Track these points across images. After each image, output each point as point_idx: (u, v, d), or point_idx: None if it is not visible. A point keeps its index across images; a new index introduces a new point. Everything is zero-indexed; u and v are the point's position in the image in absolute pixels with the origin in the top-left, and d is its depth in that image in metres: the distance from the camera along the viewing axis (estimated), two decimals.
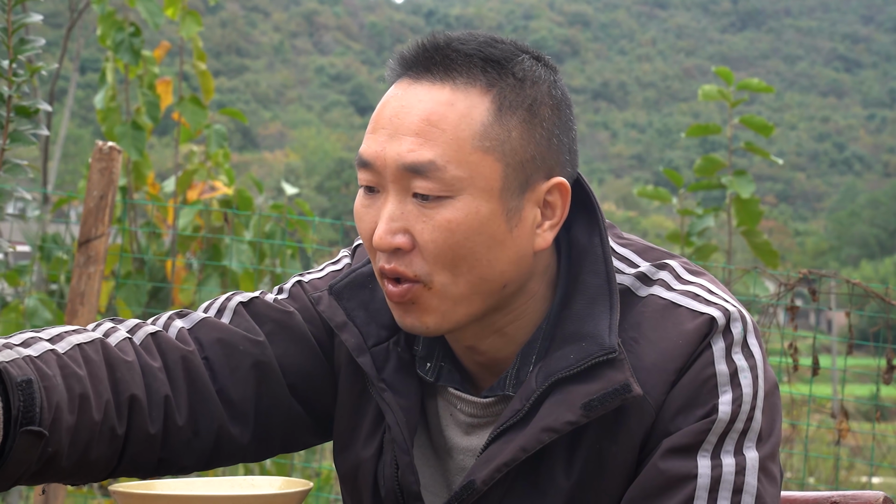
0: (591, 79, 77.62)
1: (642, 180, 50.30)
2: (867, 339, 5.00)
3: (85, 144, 29.84)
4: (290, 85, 68.53)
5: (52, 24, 26.63)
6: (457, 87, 1.60)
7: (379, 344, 1.72)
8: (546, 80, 1.64)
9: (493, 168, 1.59)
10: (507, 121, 1.60)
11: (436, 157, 1.57)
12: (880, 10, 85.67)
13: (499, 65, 1.61)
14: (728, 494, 1.56)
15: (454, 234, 1.58)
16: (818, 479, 8.82)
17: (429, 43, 1.63)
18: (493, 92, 1.60)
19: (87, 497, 6.12)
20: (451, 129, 1.58)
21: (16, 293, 6.38)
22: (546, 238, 1.63)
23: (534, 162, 1.61)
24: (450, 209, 1.58)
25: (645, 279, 1.67)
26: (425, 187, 1.57)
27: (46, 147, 6.96)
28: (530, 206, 1.62)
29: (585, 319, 1.63)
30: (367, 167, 1.61)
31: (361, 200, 1.64)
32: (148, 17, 6.11)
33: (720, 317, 1.62)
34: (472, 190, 1.58)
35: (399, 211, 1.59)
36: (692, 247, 6.19)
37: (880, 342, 4.70)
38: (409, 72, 1.64)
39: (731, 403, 1.58)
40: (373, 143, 1.61)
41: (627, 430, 1.61)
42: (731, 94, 6.26)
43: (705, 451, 1.57)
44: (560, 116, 1.65)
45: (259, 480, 1.71)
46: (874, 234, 50.79)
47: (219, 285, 6.20)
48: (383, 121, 1.61)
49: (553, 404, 1.61)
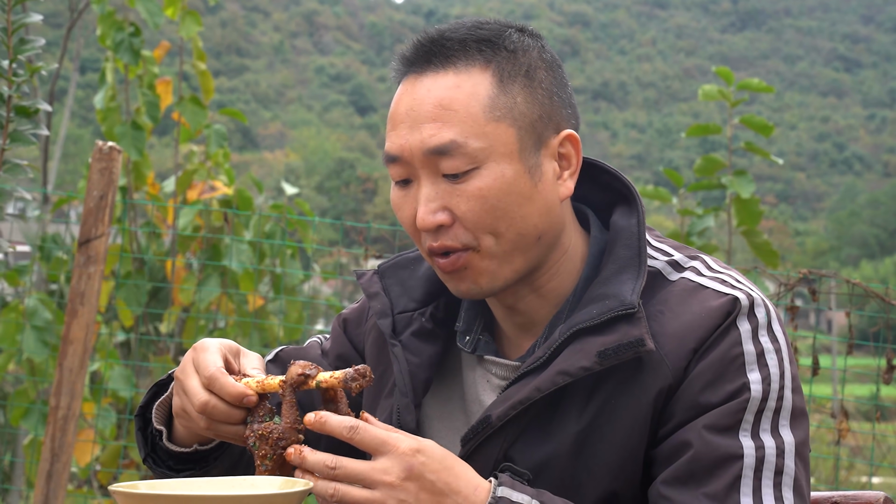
0: (591, 79, 77.63)
1: (642, 180, 50.32)
2: (867, 339, 5.00)
3: (85, 144, 29.85)
4: (290, 85, 68.53)
5: (52, 24, 26.63)
6: (459, 71, 1.75)
7: (404, 312, 1.88)
8: (535, 47, 1.80)
9: (507, 133, 1.73)
10: (509, 89, 1.75)
11: (455, 136, 1.72)
12: (880, 10, 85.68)
13: (490, 42, 1.77)
14: (771, 475, 1.65)
15: (487, 199, 1.72)
16: (818, 479, 8.83)
17: (424, 38, 1.79)
18: (491, 67, 1.75)
19: (87, 497, 6.12)
20: (463, 108, 1.73)
21: (16, 293, 6.38)
22: (568, 186, 1.79)
23: (542, 120, 1.76)
24: (478, 179, 1.72)
25: (677, 266, 1.80)
26: (452, 166, 1.72)
27: (46, 147, 6.96)
28: (548, 161, 1.77)
29: (612, 283, 1.74)
30: (396, 161, 1.76)
31: (397, 193, 1.78)
32: (148, 17, 6.11)
33: (744, 299, 1.72)
34: (494, 157, 1.73)
35: (434, 192, 1.74)
36: (692, 247, 6.18)
37: (880, 342, 4.70)
38: (412, 68, 1.78)
39: (762, 382, 1.68)
40: (396, 137, 1.76)
41: (642, 386, 1.70)
42: (731, 94, 6.25)
43: (745, 430, 1.66)
44: (555, 75, 1.80)
45: (259, 480, 1.71)
46: (874, 234, 50.80)
47: (219, 285, 6.20)
48: (400, 116, 1.76)
49: (571, 352, 1.71)
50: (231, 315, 6.33)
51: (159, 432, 1.86)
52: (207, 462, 1.87)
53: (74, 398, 4.09)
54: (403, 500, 1.60)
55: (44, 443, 4.11)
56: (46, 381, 5.66)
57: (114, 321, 6.37)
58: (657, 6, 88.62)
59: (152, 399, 1.89)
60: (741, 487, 1.64)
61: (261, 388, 1.68)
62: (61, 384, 4.09)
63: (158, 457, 1.89)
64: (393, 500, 1.59)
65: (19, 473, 6.21)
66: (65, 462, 4.09)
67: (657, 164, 54.67)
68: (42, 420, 5.54)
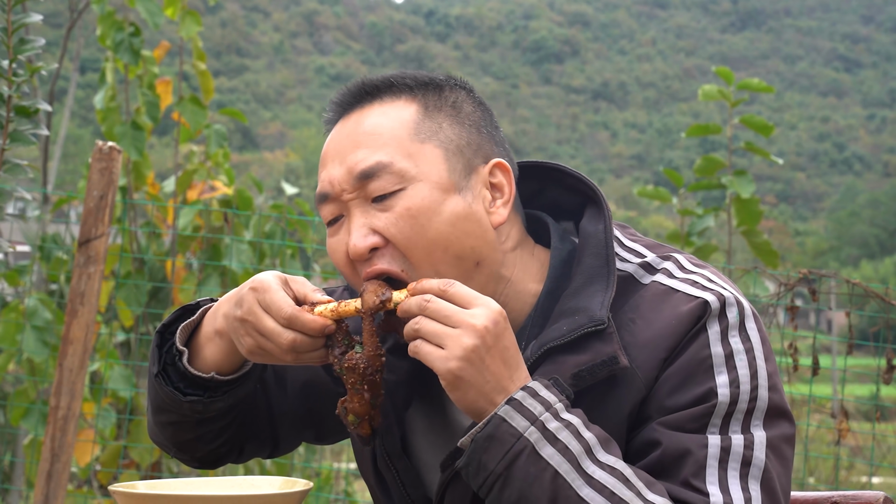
0: (591, 79, 77.59)
1: (642, 180, 50.31)
2: (867, 339, 5.00)
3: (85, 144, 29.82)
4: (290, 85, 68.51)
5: (52, 24, 26.61)
6: (384, 102, 1.79)
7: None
8: (463, 88, 1.83)
9: (434, 153, 1.75)
10: (435, 117, 1.77)
11: (382, 157, 1.73)
12: (880, 10, 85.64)
13: (416, 79, 1.81)
14: (737, 466, 1.65)
15: (417, 218, 1.71)
16: (818, 479, 8.83)
17: (352, 84, 1.82)
18: (417, 99, 1.79)
19: (87, 497, 6.12)
20: (388, 132, 1.75)
21: (16, 293, 6.38)
22: (501, 214, 1.78)
23: (469, 147, 1.77)
24: (406, 198, 1.73)
25: (649, 268, 1.78)
26: (380, 187, 1.73)
27: (46, 147, 6.95)
28: (479, 188, 1.77)
29: (581, 295, 1.73)
30: (325, 199, 1.78)
31: (330, 237, 1.79)
32: (148, 17, 6.10)
33: (714, 301, 1.70)
34: (421, 176, 1.74)
35: (363, 219, 1.75)
36: (692, 247, 6.18)
37: (880, 342, 4.70)
38: (342, 113, 1.83)
39: (729, 386, 1.67)
40: (325, 175, 1.78)
41: (617, 401, 1.70)
42: (731, 94, 6.25)
43: (712, 432, 1.66)
44: (484, 114, 1.82)
45: (259, 480, 1.71)
46: (874, 234, 50.76)
47: (219, 285, 6.20)
48: (329, 154, 1.79)
49: (545, 373, 1.70)
50: None
51: (179, 353, 1.87)
52: (217, 392, 1.87)
53: (74, 398, 4.09)
54: (476, 348, 1.62)
55: (44, 443, 4.10)
56: (46, 381, 5.65)
57: (114, 321, 6.37)
58: (657, 6, 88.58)
59: (175, 321, 1.91)
60: (706, 476, 1.64)
61: (337, 315, 1.74)
62: (61, 384, 4.09)
63: (169, 377, 1.89)
64: (466, 344, 1.62)
65: (19, 473, 6.21)
66: (65, 462, 4.09)
67: (657, 164, 54.67)
68: (42, 420, 5.53)
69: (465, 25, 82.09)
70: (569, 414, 1.64)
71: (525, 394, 1.63)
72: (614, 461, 1.63)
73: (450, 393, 1.65)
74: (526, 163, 1.90)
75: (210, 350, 1.84)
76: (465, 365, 1.62)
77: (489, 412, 1.64)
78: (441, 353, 1.63)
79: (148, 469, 5.96)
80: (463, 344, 1.62)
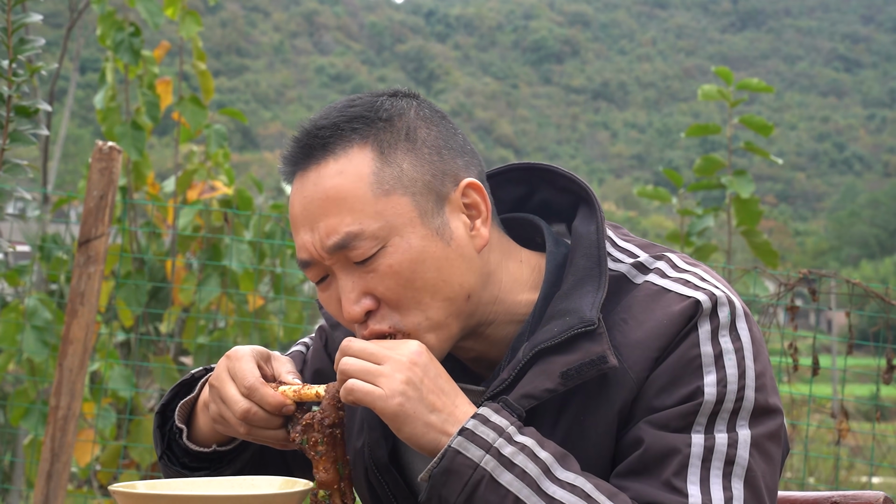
0: (591, 79, 77.62)
1: (642, 180, 50.30)
2: (867, 339, 5.00)
3: (85, 144, 29.83)
4: (290, 85, 68.51)
5: (52, 24, 26.61)
6: (338, 157, 1.73)
7: None
8: (410, 107, 1.77)
9: (401, 203, 1.71)
10: (392, 158, 1.72)
11: (350, 226, 1.70)
12: (880, 10, 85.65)
13: (363, 118, 1.74)
14: (720, 465, 1.64)
15: (402, 274, 1.70)
16: (818, 479, 8.82)
17: (300, 133, 1.77)
18: (369, 142, 1.73)
19: (87, 497, 6.12)
20: (351, 194, 1.71)
21: (16, 293, 6.38)
22: (483, 235, 1.75)
23: (436, 179, 1.73)
24: (387, 256, 1.70)
25: (641, 268, 1.77)
26: (358, 254, 1.70)
27: (46, 147, 6.95)
28: (455, 217, 1.74)
29: (572, 296, 1.72)
30: (308, 265, 1.75)
31: (321, 294, 1.78)
32: (148, 17, 6.10)
33: (706, 300, 1.70)
34: (396, 231, 1.71)
35: (350, 282, 1.72)
36: (692, 247, 6.19)
37: (880, 342, 4.70)
38: (297, 167, 1.77)
39: (716, 385, 1.67)
40: (300, 241, 1.75)
41: (607, 401, 1.70)
42: (731, 94, 6.25)
43: (697, 431, 1.66)
44: (439, 129, 1.77)
45: (259, 480, 1.71)
46: (874, 234, 50.77)
47: (219, 285, 6.20)
48: (298, 218, 1.75)
49: (535, 374, 1.70)
50: (231, 315, 6.34)
51: (179, 430, 1.88)
52: (222, 462, 1.90)
53: (74, 398, 4.09)
54: (409, 380, 1.64)
55: (44, 443, 4.11)
56: (46, 381, 5.65)
57: (114, 321, 6.37)
58: (657, 6, 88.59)
59: (174, 399, 1.92)
60: (688, 476, 1.64)
61: (298, 398, 1.73)
62: (61, 384, 4.09)
63: (174, 455, 1.90)
64: (400, 378, 1.64)
65: (19, 473, 6.21)
66: (65, 462, 4.09)
67: (657, 164, 54.65)
68: (42, 420, 5.54)
69: (465, 25, 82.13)
70: (522, 436, 1.64)
71: (476, 422, 1.64)
72: (573, 477, 1.63)
73: (398, 432, 1.65)
74: (515, 165, 1.88)
75: (203, 420, 1.87)
76: (404, 400, 1.63)
77: (443, 444, 1.64)
78: (380, 393, 1.63)
79: (148, 469, 5.96)
80: (397, 379, 1.63)
